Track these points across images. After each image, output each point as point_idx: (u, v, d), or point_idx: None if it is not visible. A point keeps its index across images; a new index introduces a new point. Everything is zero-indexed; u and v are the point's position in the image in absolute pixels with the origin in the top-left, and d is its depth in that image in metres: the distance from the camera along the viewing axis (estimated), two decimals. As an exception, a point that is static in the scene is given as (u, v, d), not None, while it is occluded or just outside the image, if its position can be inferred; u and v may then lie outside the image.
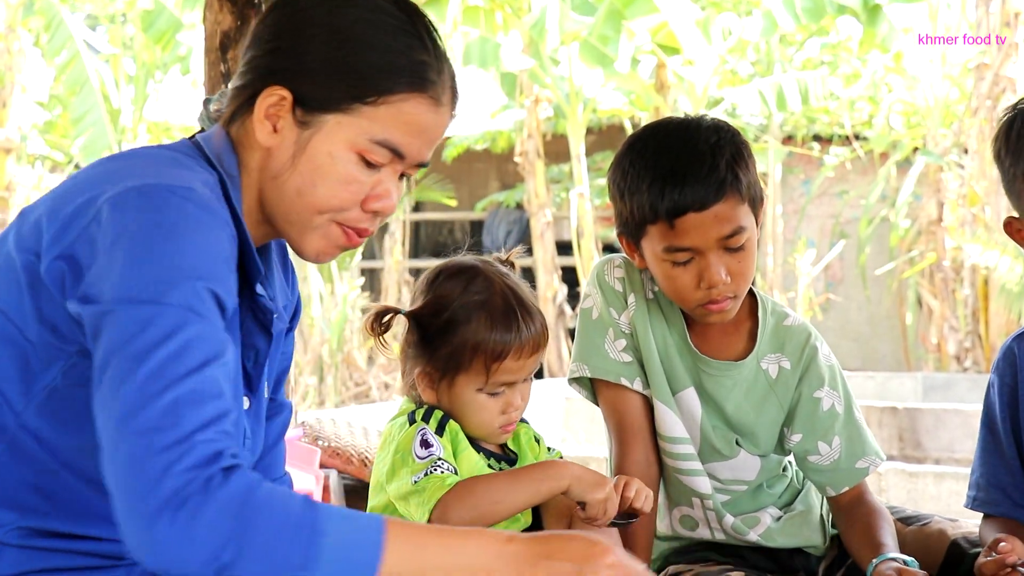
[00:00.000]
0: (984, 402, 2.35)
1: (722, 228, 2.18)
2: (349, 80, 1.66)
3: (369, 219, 1.72)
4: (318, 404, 11.55)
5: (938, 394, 9.95)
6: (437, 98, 1.71)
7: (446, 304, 2.09)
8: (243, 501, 1.41)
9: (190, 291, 1.49)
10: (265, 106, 1.68)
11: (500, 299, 2.08)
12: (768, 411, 2.37)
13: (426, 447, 2.03)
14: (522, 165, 12.42)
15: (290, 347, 2.00)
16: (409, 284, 14.33)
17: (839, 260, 14.92)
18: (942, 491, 5.55)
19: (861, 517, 2.30)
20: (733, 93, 12.42)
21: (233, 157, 1.72)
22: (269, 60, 1.70)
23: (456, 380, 2.08)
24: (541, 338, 2.10)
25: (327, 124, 1.67)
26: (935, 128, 12.56)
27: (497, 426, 2.11)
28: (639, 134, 2.33)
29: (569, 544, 1.54)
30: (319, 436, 3.61)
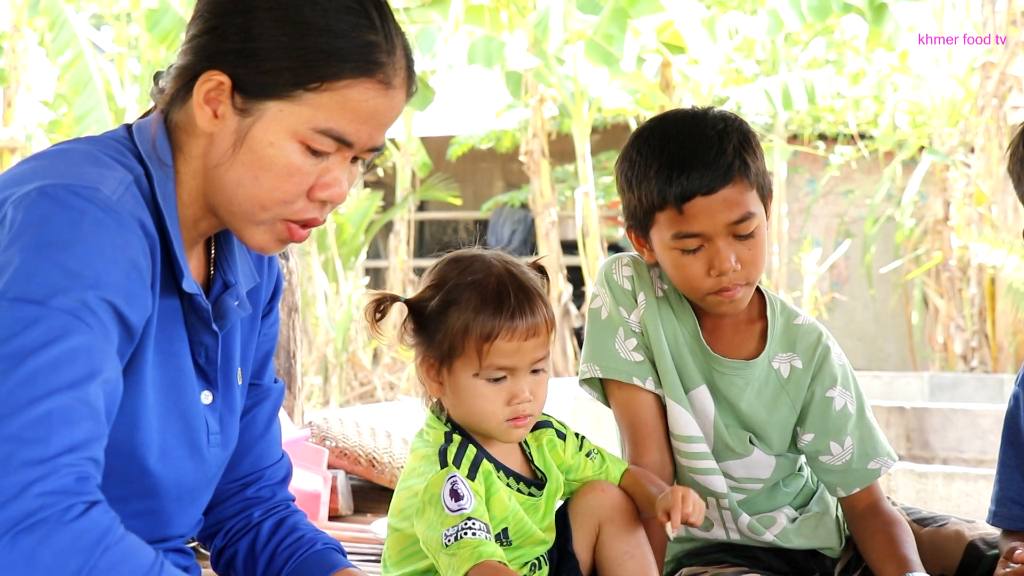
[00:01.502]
0: (1007, 416, 2.30)
1: (731, 213, 2.17)
2: (290, 65, 1.57)
3: (317, 209, 1.64)
4: (323, 404, 11.54)
5: (945, 394, 9.93)
6: (387, 81, 1.62)
7: (441, 287, 2.03)
8: (97, 540, 1.37)
9: (80, 299, 1.43)
10: (203, 91, 1.59)
11: (495, 280, 2.01)
12: (780, 410, 2.36)
13: (456, 499, 1.93)
14: (527, 164, 12.40)
15: (274, 329, 1.95)
16: (414, 284, 14.32)
17: (844, 259, 14.91)
18: (952, 491, 5.52)
19: (881, 527, 2.28)
20: (738, 92, 12.39)
21: (167, 145, 1.64)
22: (208, 40, 1.61)
23: (454, 367, 2.00)
24: (540, 323, 2.00)
25: (268, 112, 1.58)
26: (941, 127, 12.53)
27: (504, 419, 2.01)
28: (646, 125, 2.33)
29: None
30: (326, 436, 3.59)
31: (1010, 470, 2.28)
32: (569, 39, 11.03)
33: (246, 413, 1.90)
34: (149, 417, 1.62)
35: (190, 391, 1.71)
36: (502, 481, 2.03)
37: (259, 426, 1.93)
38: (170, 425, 1.67)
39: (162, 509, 1.70)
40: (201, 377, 1.74)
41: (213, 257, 1.77)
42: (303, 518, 1.98)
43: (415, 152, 14.48)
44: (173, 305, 1.66)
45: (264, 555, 1.90)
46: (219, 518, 1.94)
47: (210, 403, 1.75)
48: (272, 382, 1.97)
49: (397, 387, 12.25)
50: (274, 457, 1.97)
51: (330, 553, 1.91)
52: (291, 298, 3.83)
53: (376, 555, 2.94)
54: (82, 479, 1.38)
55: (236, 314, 1.76)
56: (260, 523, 1.93)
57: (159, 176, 1.62)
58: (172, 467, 1.68)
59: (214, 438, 1.76)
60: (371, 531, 3.04)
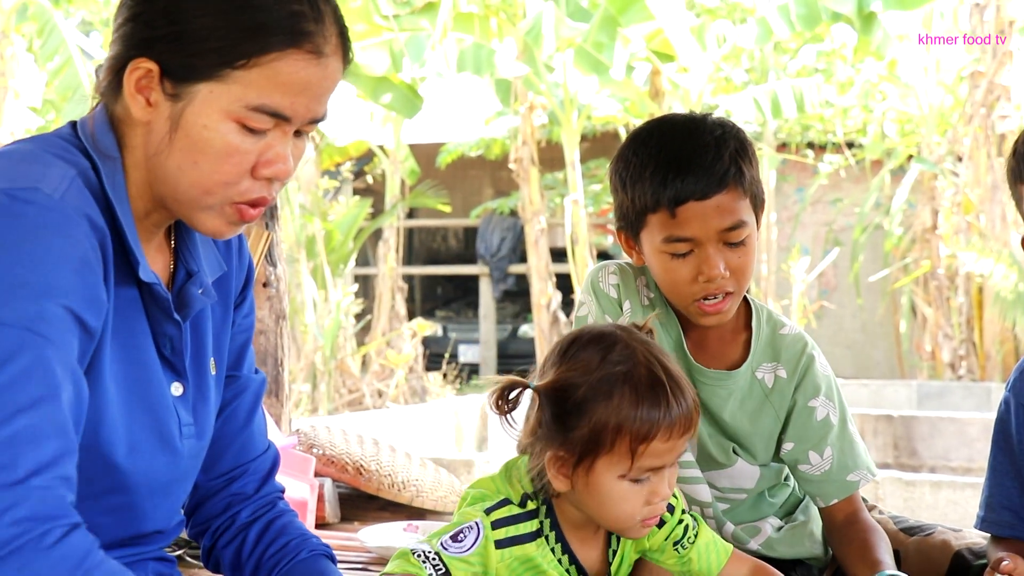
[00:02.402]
0: (997, 421, 2.29)
1: (723, 220, 2.16)
2: (215, 45, 1.54)
3: (264, 187, 1.61)
4: (311, 411, 11.52)
5: (932, 402, 9.96)
6: (318, 50, 1.58)
7: (582, 377, 1.81)
8: (77, 565, 1.35)
9: (32, 310, 1.40)
10: (133, 80, 1.56)
11: (645, 369, 1.80)
12: (764, 421, 2.35)
13: (456, 542, 1.83)
14: (516, 172, 12.41)
15: (249, 319, 1.92)
16: (403, 291, 14.32)
17: (833, 268, 14.95)
18: (939, 500, 5.53)
19: (857, 535, 2.27)
20: (727, 100, 12.42)
21: (110, 136, 1.62)
22: (133, 28, 1.58)
23: (595, 466, 1.79)
24: (693, 414, 1.82)
25: (199, 94, 1.55)
26: (929, 136, 12.58)
27: (639, 519, 1.83)
28: (643, 127, 2.32)
29: None
30: (313, 444, 3.58)
31: (1000, 475, 2.27)
32: (559, 47, 11.04)
33: (226, 406, 1.87)
34: (113, 412, 1.60)
35: (157, 383, 1.68)
36: (560, 567, 1.90)
37: (240, 418, 1.90)
38: (137, 419, 1.64)
39: (135, 505, 1.68)
40: (169, 368, 1.71)
41: (174, 248, 1.74)
42: (292, 520, 1.95)
43: (404, 159, 14.49)
44: (131, 297, 1.64)
45: (250, 564, 1.89)
46: (206, 516, 1.92)
47: (181, 394, 1.73)
48: (252, 372, 1.93)
49: (386, 394, 12.24)
50: (258, 449, 1.94)
51: (317, 560, 1.88)
52: (279, 305, 3.82)
53: (363, 563, 2.93)
54: (56, 500, 1.36)
55: (200, 302, 1.73)
56: (247, 527, 1.90)
57: (106, 168, 1.59)
58: (142, 462, 1.65)
59: (187, 429, 1.73)
60: (358, 539, 3.03)
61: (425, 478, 3.64)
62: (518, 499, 1.89)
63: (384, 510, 3.59)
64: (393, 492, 3.56)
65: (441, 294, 20.02)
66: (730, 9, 13.10)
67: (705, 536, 1.97)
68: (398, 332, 13.51)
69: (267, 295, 3.74)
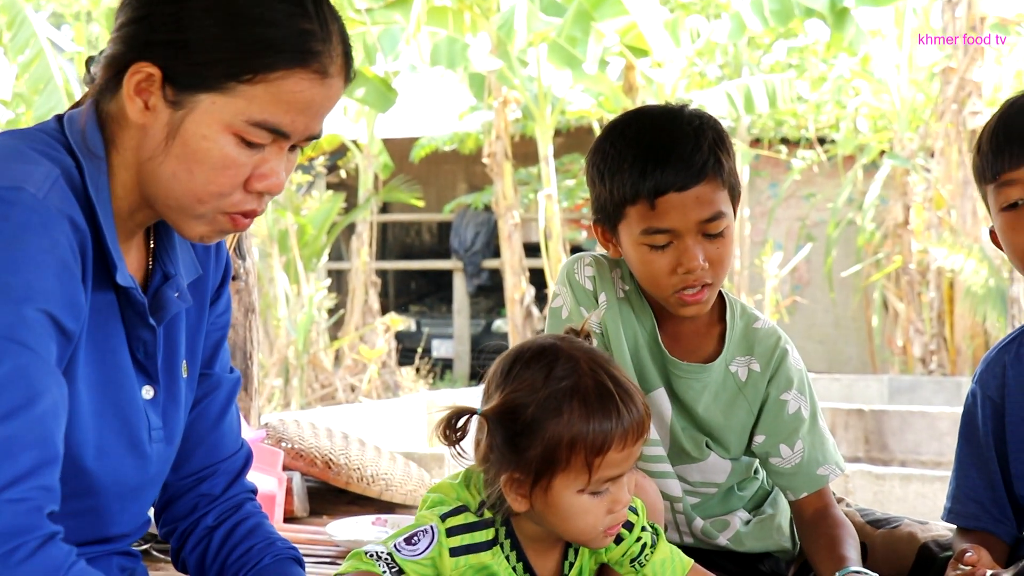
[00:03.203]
0: (964, 413, 2.31)
1: (702, 211, 2.16)
2: (223, 57, 1.53)
3: (255, 200, 1.60)
4: (284, 406, 11.49)
5: (904, 396, 10.00)
6: (323, 70, 1.57)
7: (528, 397, 1.77)
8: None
9: (12, 316, 1.40)
10: (133, 83, 1.55)
11: (591, 380, 1.78)
12: (737, 414, 2.35)
13: (410, 544, 1.83)
14: (490, 167, 12.39)
15: (224, 318, 1.90)
16: (376, 285, 14.30)
17: (806, 263, 14.99)
18: (908, 493, 5.56)
19: (826, 530, 2.27)
20: (701, 95, 12.42)
21: (99, 136, 1.60)
22: (138, 30, 1.56)
23: (552, 484, 1.77)
24: (645, 419, 1.80)
25: (200, 104, 1.54)
26: (901, 131, 12.63)
27: (601, 530, 1.81)
28: (620, 119, 2.31)
29: None
30: (282, 438, 3.57)
31: (966, 468, 2.28)
32: (532, 41, 11.03)
33: (197, 404, 1.85)
34: (83, 415, 1.59)
35: (128, 386, 1.67)
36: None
37: (211, 417, 1.88)
38: (107, 422, 1.63)
39: (102, 508, 1.67)
40: (141, 372, 1.70)
41: (152, 248, 1.73)
42: (260, 522, 1.92)
43: (378, 154, 14.46)
44: (108, 300, 1.63)
45: (214, 569, 1.86)
46: (173, 517, 1.90)
47: (151, 398, 1.71)
48: (226, 371, 1.91)
49: (358, 389, 12.22)
50: (230, 449, 1.91)
51: (282, 565, 1.86)
52: (248, 299, 3.81)
53: (332, 557, 2.92)
54: (31, 512, 1.35)
55: (176, 306, 1.72)
56: (213, 531, 1.88)
57: (90, 168, 1.58)
58: (111, 465, 1.64)
59: (156, 433, 1.72)
60: (326, 532, 3.02)
61: (395, 472, 3.63)
62: (475, 507, 1.87)
63: (353, 504, 3.59)
64: (362, 486, 3.55)
65: (415, 289, 19.99)
66: (704, 4, 13.11)
67: (662, 552, 1.95)
68: (371, 327, 13.49)
69: (236, 288, 3.72)
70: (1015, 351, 2.23)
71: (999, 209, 2.09)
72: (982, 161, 2.12)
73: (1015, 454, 2.20)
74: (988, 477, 2.24)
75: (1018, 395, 2.20)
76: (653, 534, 1.95)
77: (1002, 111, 2.13)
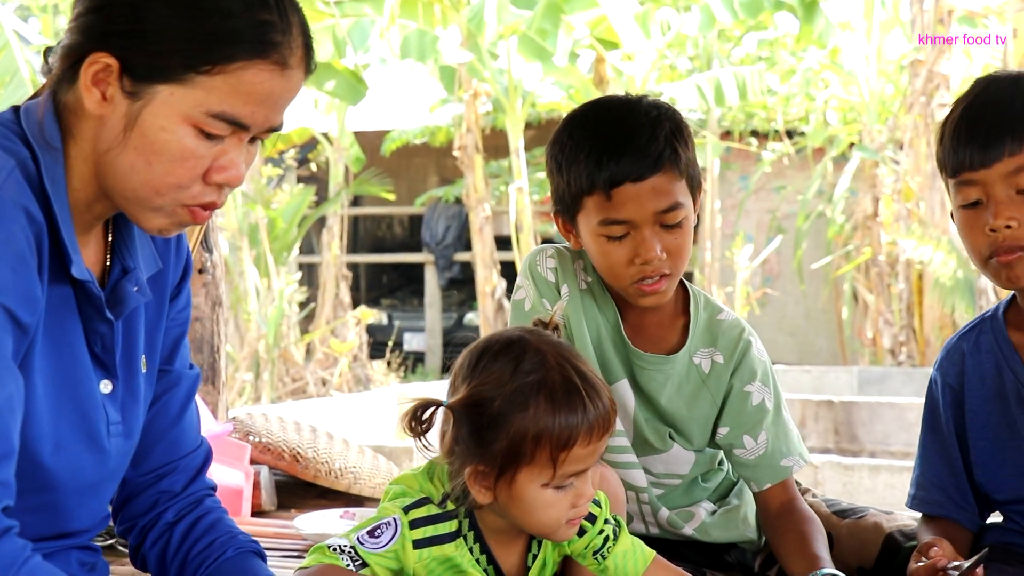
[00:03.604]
0: (926, 399, 2.32)
1: (659, 202, 2.15)
2: (181, 48, 1.51)
3: (214, 192, 1.59)
4: (254, 400, 11.46)
5: (873, 388, 10.05)
6: (283, 61, 1.56)
7: (495, 390, 1.78)
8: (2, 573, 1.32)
9: None
10: (91, 73, 1.53)
11: (558, 375, 1.78)
12: (701, 406, 2.35)
13: (373, 537, 1.82)
14: (461, 160, 12.38)
15: (184, 313, 1.88)
16: (347, 279, 14.26)
17: (776, 255, 15.04)
18: (877, 483, 5.59)
19: (793, 525, 2.27)
20: (671, 88, 12.45)
21: (56, 127, 1.58)
22: (95, 20, 1.54)
23: (517, 478, 1.77)
24: (611, 414, 1.80)
25: (158, 95, 1.53)
26: (871, 124, 12.67)
27: (565, 522, 1.82)
28: (578, 110, 2.31)
29: None
30: (249, 432, 3.55)
31: (930, 454, 2.29)
32: (503, 34, 11.02)
33: (156, 400, 1.84)
34: (40, 409, 1.57)
35: (86, 381, 1.66)
36: (478, 568, 1.89)
37: (171, 413, 1.86)
38: (64, 417, 1.62)
39: (60, 503, 1.66)
40: (99, 366, 1.68)
41: (111, 242, 1.71)
42: (220, 517, 1.91)
43: (348, 147, 14.42)
44: (64, 293, 1.61)
45: (175, 563, 1.85)
46: (132, 514, 1.88)
47: (110, 392, 1.70)
48: (185, 367, 1.90)
49: (329, 383, 12.20)
50: (190, 446, 1.90)
51: (244, 558, 1.85)
52: (215, 292, 3.79)
53: (299, 551, 2.91)
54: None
55: (135, 300, 1.70)
56: (173, 526, 1.87)
57: (47, 160, 1.56)
58: (68, 460, 1.63)
59: (114, 428, 1.70)
60: (294, 527, 3.01)
61: (363, 465, 3.62)
62: (438, 498, 1.87)
63: (322, 498, 3.57)
64: (330, 479, 3.54)
65: (387, 282, 19.96)
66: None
67: (624, 544, 1.95)
68: (342, 320, 13.46)
69: (203, 282, 3.70)
70: (974, 339, 2.24)
71: (957, 205, 2.11)
72: (943, 154, 2.11)
73: (975, 442, 2.21)
74: (950, 464, 2.25)
75: (977, 383, 2.21)
76: (615, 526, 1.95)
77: (967, 102, 2.10)
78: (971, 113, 2.08)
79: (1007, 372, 2.18)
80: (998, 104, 2.06)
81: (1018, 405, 2.15)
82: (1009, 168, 2.02)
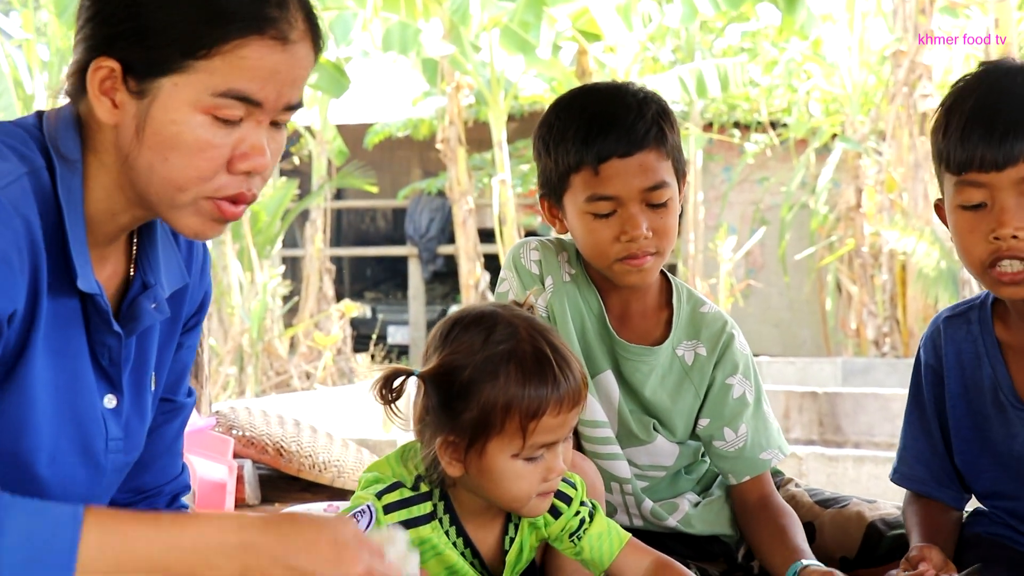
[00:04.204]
0: (912, 374, 2.29)
1: (645, 179, 2.18)
2: (175, 37, 1.50)
3: (242, 182, 1.56)
4: (239, 394, 11.43)
5: (857, 379, 10.06)
6: (283, 36, 1.53)
7: (466, 359, 1.79)
8: None
9: None
10: (96, 81, 1.52)
11: (529, 346, 1.79)
12: (684, 398, 2.36)
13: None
14: (444, 152, 12.36)
15: (194, 340, 1.87)
16: (330, 272, 14.24)
17: (760, 247, 15.05)
18: (861, 474, 5.59)
19: (771, 519, 2.29)
20: (654, 80, 12.43)
21: (75, 138, 1.57)
22: (92, 29, 1.54)
23: (487, 448, 1.78)
24: (582, 387, 1.81)
25: (163, 89, 1.51)
26: (853, 115, 12.68)
27: (535, 496, 1.82)
28: (567, 93, 2.35)
29: (314, 545, 1.40)
30: (233, 426, 3.55)
31: (914, 430, 2.27)
32: (485, 26, 11.00)
33: (156, 428, 1.82)
34: (39, 421, 1.55)
35: (88, 394, 1.63)
36: (455, 551, 1.90)
37: (166, 441, 1.86)
38: (63, 429, 1.60)
39: None
40: (104, 380, 1.66)
41: (135, 254, 1.69)
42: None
43: (331, 140, 14.39)
44: (71, 305, 1.59)
45: None
46: None
47: (114, 407, 1.67)
48: (186, 396, 1.90)
49: (313, 376, 12.18)
50: (175, 471, 1.91)
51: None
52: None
53: (282, 545, 2.90)
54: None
55: (151, 318, 1.67)
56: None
57: (63, 171, 1.54)
58: (62, 473, 1.61)
59: (114, 444, 1.68)
60: (278, 521, 3.00)
61: (346, 459, 3.62)
62: (411, 482, 1.88)
63: (306, 491, 3.58)
64: (314, 473, 3.54)
65: (370, 275, 19.93)
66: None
67: (598, 526, 1.95)
68: (326, 314, 13.44)
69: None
70: (959, 326, 2.20)
71: (956, 204, 1.97)
72: (947, 147, 1.96)
73: (955, 430, 2.20)
74: (932, 442, 2.23)
75: (956, 372, 2.19)
76: (591, 509, 1.96)
77: (977, 93, 1.95)
78: (985, 108, 1.92)
79: (986, 367, 2.13)
80: (1015, 100, 1.92)
81: (993, 404, 2.12)
82: (1022, 174, 1.90)
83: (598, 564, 1.95)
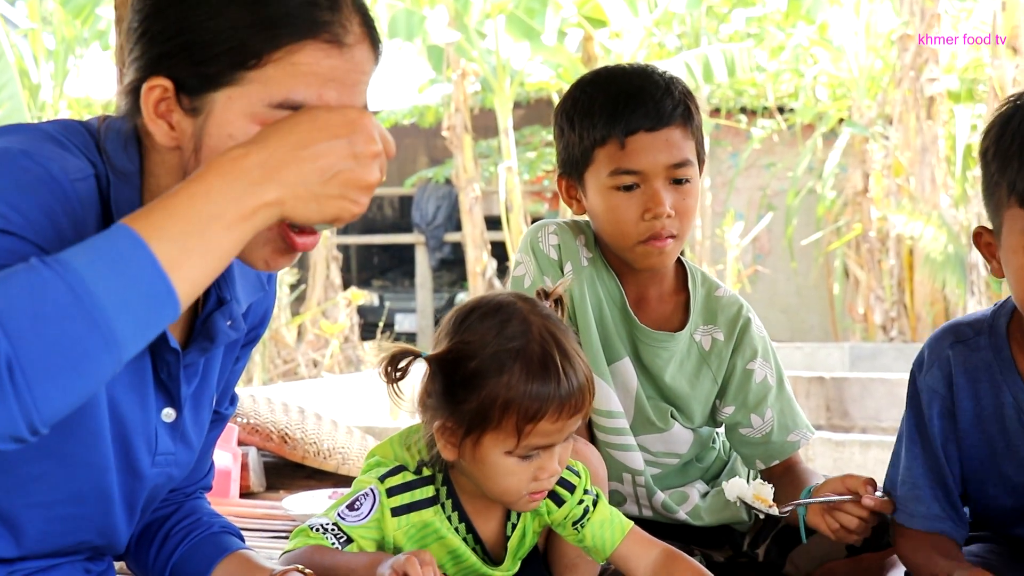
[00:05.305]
0: (911, 408, 2.08)
1: (671, 154, 2.18)
2: (224, 49, 1.41)
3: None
4: (246, 382, 11.44)
5: (865, 364, 10.05)
6: (337, 39, 1.44)
7: (475, 350, 1.77)
8: None
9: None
10: (151, 103, 1.45)
11: (538, 347, 1.76)
12: (702, 383, 2.35)
13: (353, 510, 1.83)
14: (450, 140, 12.35)
15: (248, 353, 1.85)
16: (337, 260, 14.24)
17: (767, 232, 15.03)
18: (868, 459, 5.59)
19: (792, 480, 2.29)
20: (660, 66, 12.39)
21: (133, 154, 1.51)
22: (142, 49, 1.47)
23: (482, 440, 1.77)
24: (586, 394, 1.78)
25: (218, 103, 1.42)
26: (860, 99, 12.65)
27: (524, 493, 1.81)
28: (590, 72, 2.35)
29: (324, 118, 1.35)
30: (237, 413, 3.54)
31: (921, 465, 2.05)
32: (490, 13, 10.99)
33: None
34: (105, 434, 1.54)
35: (142, 406, 1.59)
36: (457, 536, 1.90)
37: (206, 447, 1.86)
38: (114, 438, 1.57)
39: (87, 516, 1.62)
40: (163, 393, 1.62)
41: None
42: (202, 503, 1.92)
43: (337, 128, 14.35)
44: None
45: (158, 537, 1.84)
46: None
47: (172, 421, 1.64)
48: (228, 406, 1.87)
49: (320, 364, 12.18)
50: (202, 473, 1.92)
51: (225, 536, 1.85)
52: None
53: (287, 532, 2.90)
54: None
55: (226, 336, 1.62)
56: (156, 509, 1.86)
57: (116, 182, 1.49)
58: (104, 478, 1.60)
59: (162, 459, 1.64)
60: (282, 507, 3.00)
61: (351, 445, 3.61)
62: (414, 465, 1.88)
63: (311, 478, 3.57)
64: (319, 460, 3.54)
65: (377, 263, 19.93)
66: (662, -26, 13.07)
67: (601, 514, 1.94)
68: (333, 302, 13.44)
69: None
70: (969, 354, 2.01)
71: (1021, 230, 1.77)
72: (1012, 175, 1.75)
73: (967, 461, 2.03)
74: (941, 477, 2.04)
75: (969, 402, 2.01)
76: (595, 497, 1.95)
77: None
78: None
79: (1006, 395, 1.96)
80: None
81: (1015, 430, 1.95)
82: None
83: (600, 552, 1.94)
